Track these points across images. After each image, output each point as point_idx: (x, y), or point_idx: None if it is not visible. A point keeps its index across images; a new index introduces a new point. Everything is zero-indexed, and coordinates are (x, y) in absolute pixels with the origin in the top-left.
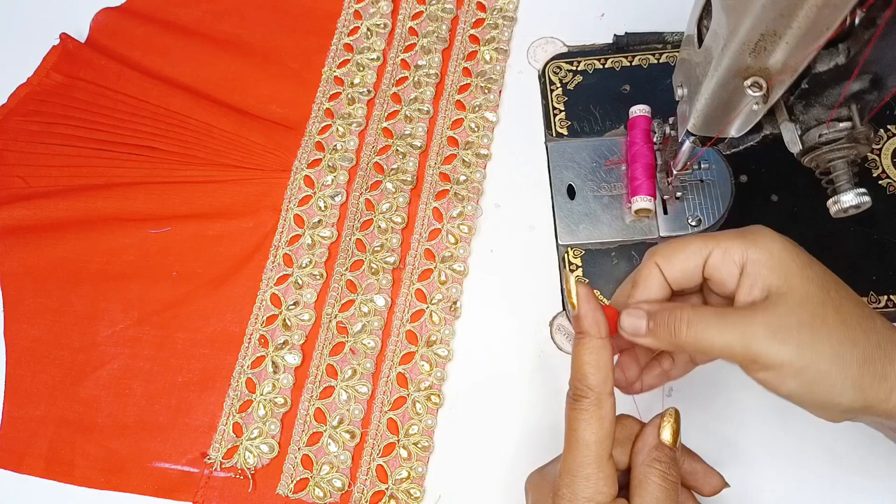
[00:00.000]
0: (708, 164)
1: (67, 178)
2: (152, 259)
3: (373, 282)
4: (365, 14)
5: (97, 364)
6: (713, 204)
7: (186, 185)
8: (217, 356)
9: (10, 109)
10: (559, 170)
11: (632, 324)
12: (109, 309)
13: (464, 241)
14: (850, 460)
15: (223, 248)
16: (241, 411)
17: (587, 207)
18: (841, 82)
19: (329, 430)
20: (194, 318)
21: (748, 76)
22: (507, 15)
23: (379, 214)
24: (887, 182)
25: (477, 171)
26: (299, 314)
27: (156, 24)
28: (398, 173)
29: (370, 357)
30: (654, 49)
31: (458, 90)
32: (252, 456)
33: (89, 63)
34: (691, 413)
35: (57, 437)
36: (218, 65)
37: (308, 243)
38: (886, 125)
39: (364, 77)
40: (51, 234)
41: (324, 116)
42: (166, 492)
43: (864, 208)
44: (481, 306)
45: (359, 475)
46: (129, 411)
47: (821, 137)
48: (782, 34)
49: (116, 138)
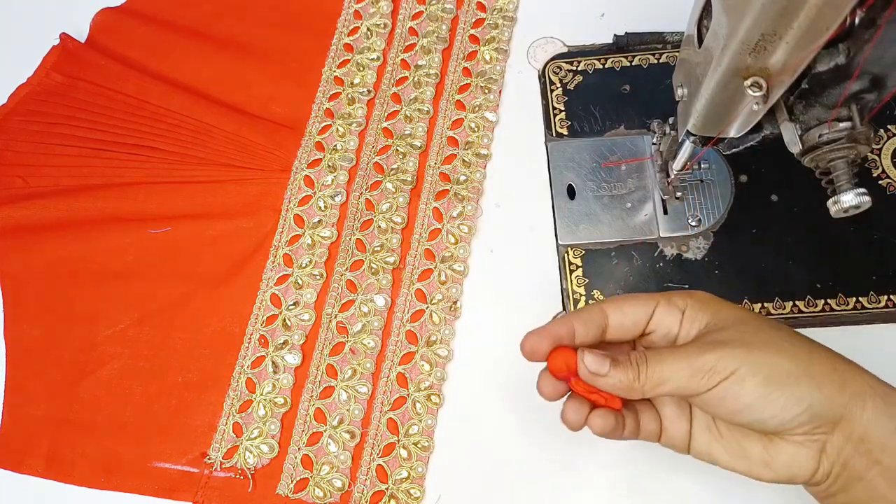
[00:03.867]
0: (708, 164)
1: (67, 178)
2: (152, 259)
3: (373, 282)
4: (365, 14)
5: (97, 364)
6: (713, 204)
7: (186, 185)
8: (217, 356)
9: (10, 109)
10: (559, 170)
11: (594, 361)
12: (109, 309)
13: (464, 241)
14: None
15: (223, 248)
16: (241, 411)
17: (587, 207)
18: (841, 82)
19: (329, 430)
20: (194, 318)
21: (748, 76)
22: (507, 15)
23: (379, 214)
24: (887, 182)
25: (477, 171)
26: (299, 314)
27: (156, 24)
28: (398, 173)
29: (370, 357)
30: (654, 49)
31: (458, 90)
32: (252, 456)
33: (89, 63)
34: None
35: (57, 437)
36: (218, 65)
37: (308, 243)
38: (886, 125)
39: (364, 77)
40: (51, 234)
41: (324, 116)
42: (166, 492)
43: (864, 208)
44: (481, 306)
45: (359, 475)
46: (129, 411)
47: (821, 137)
48: (782, 34)
49: (116, 138)
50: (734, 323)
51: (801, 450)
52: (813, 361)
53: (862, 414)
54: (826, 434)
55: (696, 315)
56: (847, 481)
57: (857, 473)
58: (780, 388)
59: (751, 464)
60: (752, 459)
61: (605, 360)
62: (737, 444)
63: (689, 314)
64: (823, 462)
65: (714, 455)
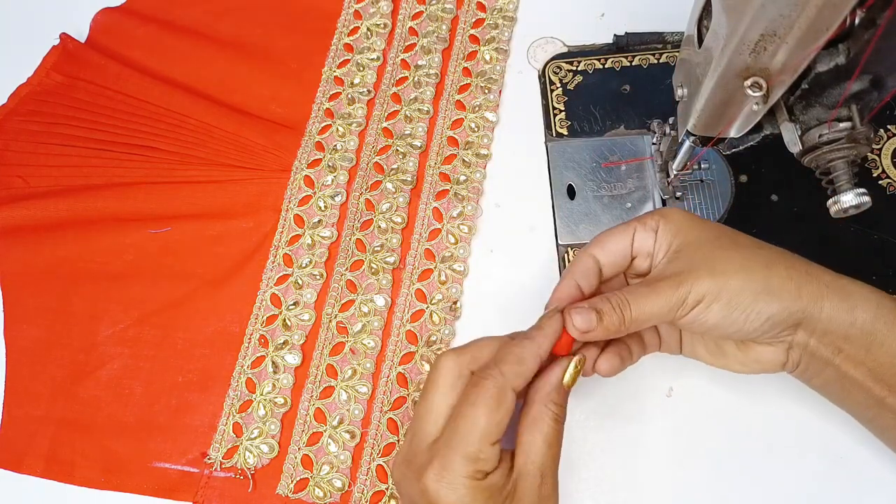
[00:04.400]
0: (708, 164)
1: (67, 178)
2: (152, 259)
3: (373, 282)
4: (365, 14)
5: (97, 364)
6: (713, 204)
7: (186, 185)
8: (217, 356)
9: (10, 109)
10: (559, 170)
11: (584, 319)
12: (109, 309)
13: (464, 241)
14: (851, 460)
15: (223, 248)
16: (241, 411)
17: (587, 207)
18: (841, 82)
19: (329, 430)
20: (194, 318)
21: (748, 76)
22: (507, 15)
23: (379, 214)
24: (887, 182)
25: (477, 171)
26: (299, 314)
27: (156, 24)
28: (398, 173)
29: (370, 357)
30: (654, 49)
31: (458, 90)
32: (252, 456)
33: (89, 63)
34: (692, 412)
35: (57, 437)
36: (218, 65)
37: (308, 243)
38: (886, 125)
39: (364, 77)
40: (51, 234)
41: (324, 116)
42: (166, 492)
43: (864, 208)
44: (481, 306)
45: (359, 475)
46: (129, 411)
47: (821, 138)
48: (782, 34)
49: (116, 138)
50: (698, 242)
51: (768, 349)
52: (770, 276)
53: (820, 313)
54: (790, 335)
55: (665, 235)
56: (818, 367)
57: (825, 359)
58: (740, 308)
59: (728, 361)
60: (728, 357)
61: (590, 315)
62: (715, 345)
63: (661, 233)
64: (791, 355)
65: (698, 354)
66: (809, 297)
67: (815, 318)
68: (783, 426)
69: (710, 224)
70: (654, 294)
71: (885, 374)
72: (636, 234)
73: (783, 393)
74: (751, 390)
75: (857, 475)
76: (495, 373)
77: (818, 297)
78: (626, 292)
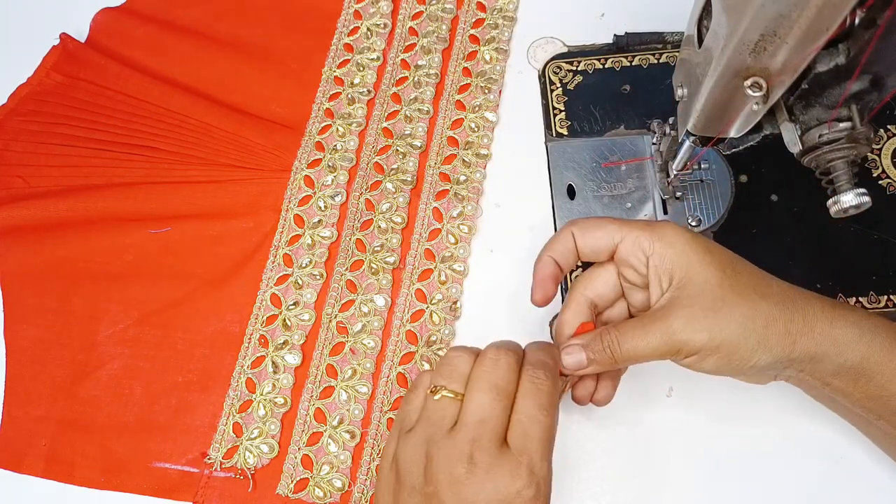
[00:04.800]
0: (708, 164)
1: (67, 178)
2: (152, 259)
3: (373, 282)
4: (365, 14)
5: (97, 364)
6: (713, 204)
7: (186, 185)
8: (217, 356)
9: (10, 109)
10: (559, 170)
11: (574, 360)
12: (109, 309)
13: (464, 241)
14: (850, 461)
15: (223, 248)
16: (241, 411)
17: (587, 207)
18: (841, 82)
19: (329, 430)
20: (194, 318)
21: (748, 76)
22: (507, 15)
23: (379, 214)
24: (887, 182)
25: (477, 171)
26: (299, 314)
27: (156, 24)
28: (398, 173)
29: (370, 357)
30: (654, 49)
31: (458, 90)
32: (252, 456)
33: (89, 63)
34: (692, 412)
35: (57, 437)
36: (218, 65)
37: (308, 243)
38: (886, 125)
39: (364, 77)
40: (51, 234)
41: (324, 116)
42: (166, 492)
43: (864, 208)
44: (481, 306)
45: (359, 475)
46: (129, 411)
47: (821, 138)
48: (782, 34)
49: (116, 138)
50: (700, 287)
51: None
52: (769, 334)
53: (811, 360)
54: (778, 372)
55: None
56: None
57: (815, 385)
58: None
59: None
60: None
61: (581, 356)
62: None
63: (657, 263)
64: (779, 378)
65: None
66: (802, 349)
67: (805, 363)
68: (783, 426)
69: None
70: (648, 337)
71: (872, 404)
72: (622, 243)
73: (783, 393)
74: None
75: (856, 475)
76: None
77: (811, 348)
78: (619, 330)
